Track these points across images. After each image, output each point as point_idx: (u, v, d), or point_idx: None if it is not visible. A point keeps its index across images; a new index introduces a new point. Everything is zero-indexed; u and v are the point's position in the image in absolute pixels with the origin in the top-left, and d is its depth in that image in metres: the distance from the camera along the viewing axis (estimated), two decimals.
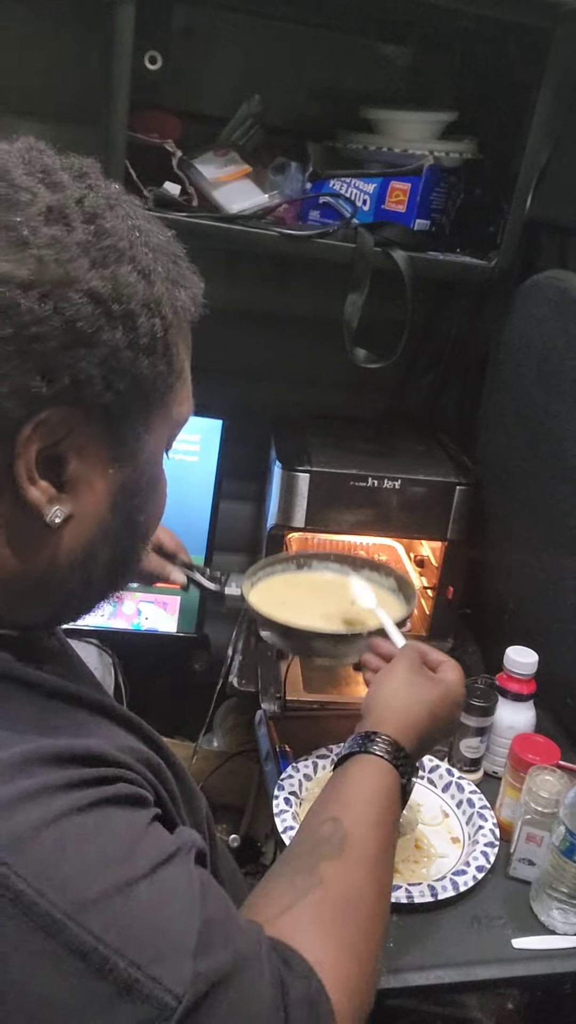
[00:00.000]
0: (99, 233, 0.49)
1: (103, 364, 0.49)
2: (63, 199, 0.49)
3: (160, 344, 0.52)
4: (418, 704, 0.78)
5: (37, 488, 0.50)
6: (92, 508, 0.54)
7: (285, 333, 1.51)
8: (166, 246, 0.55)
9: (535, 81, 1.17)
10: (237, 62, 1.35)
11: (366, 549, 1.53)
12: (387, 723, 0.75)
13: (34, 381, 0.47)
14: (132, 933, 0.46)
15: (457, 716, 0.85)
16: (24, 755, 0.48)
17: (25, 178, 0.48)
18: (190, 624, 1.41)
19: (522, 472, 1.26)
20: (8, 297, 0.45)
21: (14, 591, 0.54)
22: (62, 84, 1.28)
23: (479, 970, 0.83)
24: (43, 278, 0.46)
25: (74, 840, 0.47)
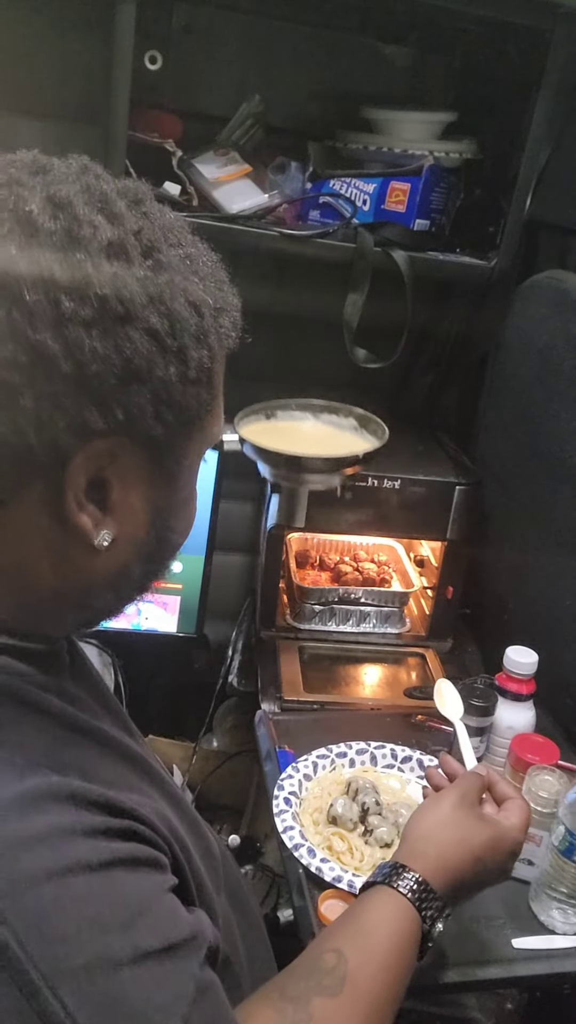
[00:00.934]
0: (156, 268, 0.50)
1: (155, 398, 0.50)
2: (122, 233, 0.49)
3: (205, 374, 0.53)
4: (459, 845, 0.70)
5: (85, 513, 0.51)
6: (131, 530, 0.55)
7: (285, 333, 1.50)
8: (212, 273, 0.55)
9: (535, 81, 1.18)
10: (237, 62, 1.35)
11: (366, 549, 1.53)
12: (420, 859, 0.68)
13: (90, 415, 0.48)
14: (108, 1014, 0.44)
15: (510, 865, 0.74)
16: (38, 789, 0.47)
17: (86, 209, 0.48)
18: (190, 624, 1.41)
19: (522, 472, 1.26)
20: (72, 336, 0.46)
21: (48, 608, 0.55)
22: (63, 84, 1.28)
23: (479, 970, 0.83)
24: (105, 316, 0.47)
25: (74, 899, 0.45)
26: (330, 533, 1.48)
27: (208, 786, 1.52)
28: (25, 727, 0.51)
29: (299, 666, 1.31)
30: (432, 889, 0.66)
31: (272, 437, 1.12)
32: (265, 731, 1.13)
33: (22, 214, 0.46)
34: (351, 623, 1.41)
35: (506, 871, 0.74)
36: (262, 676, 1.28)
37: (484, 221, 1.31)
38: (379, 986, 0.60)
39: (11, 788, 0.47)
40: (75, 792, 0.48)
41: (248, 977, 0.75)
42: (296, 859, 0.90)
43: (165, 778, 0.65)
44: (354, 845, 0.93)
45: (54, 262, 0.46)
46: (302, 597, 1.40)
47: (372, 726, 1.14)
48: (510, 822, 0.74)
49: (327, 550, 1.54)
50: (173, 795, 0.64)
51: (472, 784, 0.77)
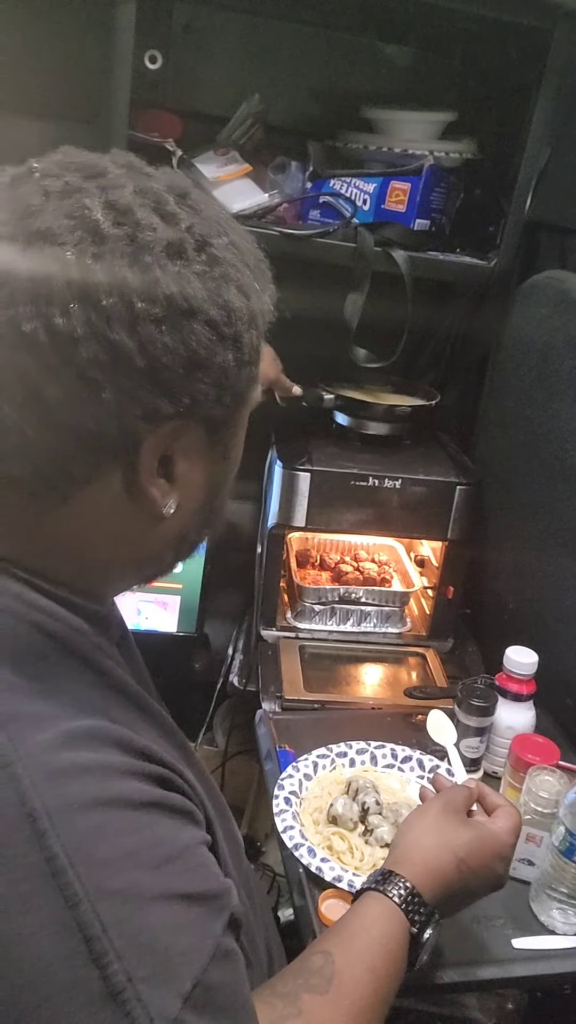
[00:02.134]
0: (211, 262, 0.53)
1: (216, 383, 0.54)
2: (179, 232, 0.52)
3: (256, 353, 0.58)
4: (441, 848, 0.72)
5: (155, 487, 0.56)
6: (190, 500, 0.59)
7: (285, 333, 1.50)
8: (255, 254, 0.59)
9: (535, 81, 1.18)
10: (237, 62, 1.35)
11: (367, 549, 1.53)
12: (407, 865, 0.71)
13: (161, 403, 0.52)
14: (134, 941, 0.46)
15: (499, 869, 0.74)
16: (91, 729, 0.51)
17: (143, 212, 0.51)
18: (190, 624, 1.41)
19: (522, 472, 1.26)
20: (145, 333, 0.50)
21: (113, 570, 0.60)
22: (63, 84, 1.28)
23: (479, 970, 0.83)
24: (172, 313, 0.51)
25: (115, 830, 0.48)
26: (331, 532, 1.48)
27: None
28: (80, 681, 0.55)
29: (299, 665, 1.31)
30: (419, 893, 0.68)
31: None
32: (265, 731, 1.13)
33: (90, 223, 0.49)
34: (351, 623, 1.41)
35: (495, 875, 0.74)
36: (262, 675, 1.28)
37: (484, 221, 1.31)
38: (366, 985, 0.61)
39: (65, 725, 0.50)
40: (121, 739, 0.52)
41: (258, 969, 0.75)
42: (296, 859, 0.90)
43: (196, 758, 0.68)
44: (354, 845, 0.93)
45: (124, 267, 0.49)
46: (302, 597, 1.40)
47: (372, 726, 1.14)
48: (496, 825, 0.75)
49: (327, 549, 1.54)
50: (203, 773, 0.68)
51: (457, 793, 0.79)
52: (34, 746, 0.48)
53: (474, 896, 0.75)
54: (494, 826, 0.75)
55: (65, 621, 0.56)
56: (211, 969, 0.49)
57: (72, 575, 0.57)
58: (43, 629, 0.54)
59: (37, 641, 0.54)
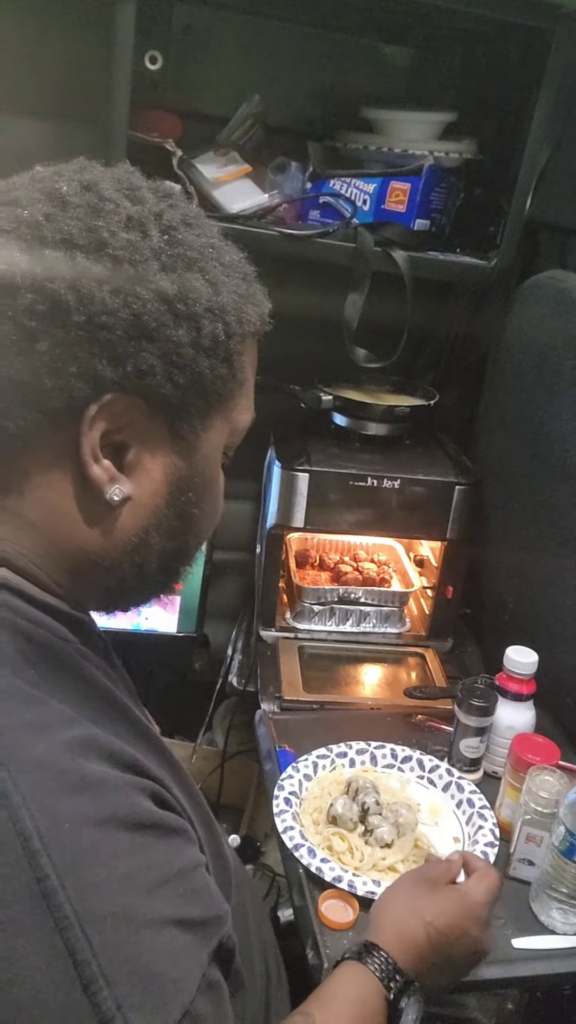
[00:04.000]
0: (172, 243, 0.54)
1: (164, 357, 0.53)
2: (143, 211, 0.54)
3: (222, 348, 0.56)
4: (410, 916, 0.73)
5: (100, 466, 0.54)
6: (149, 495, 0.58)
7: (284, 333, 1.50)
8: (239, 265, 0.59)
9: (535, 82, 1.18)
10: (237, 62, 1.35)
11: (366, 549, 1.53)
12: (380, 934, 0.72)
13: (101, 365, 0.52)
14: (124, 968, 0.45)
15: (472, 931, 0.73)
16: (85, 740, 0.50)
17: (112, 192, 0.54)
18: (190, 624, 1.41)
19: (522, 472, 1.26)
20: (85, 289, 0.51)
21: (78, 567, 0.58)
22: (63, 84, 1.28)
23: (479, 970, 0.83)
24: (117, 275, 0.51)
25: (109, 851, 0.47)
26: (330, 533, 1.48)
27: (208, 786, 1.52)
28: (69, 690, 0.54)
29: (299, 666, 1.31)
30: (394, 962, 0.69)
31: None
32: (265, 731, 1.13)
33: (55, 192, 0.53)
34: (351, 623, 1.41)
35: (470, 938, 0.73)
36: (262, 676, 1.28)
37: (484, 221, 1.31)
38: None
39: (59, 735, 0.49)
40: (114, 751, 0.51)
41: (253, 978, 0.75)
42: (296, 859, 0.90)
43: (183, 771, 0.67)
44: (354, 845, 0.93)
45: (74, 227, 0.51)
46: (302, 597, 1.40)
47: (372, 726, 1.14)
48: (467, 887, 0.76)
49: (327, 550, 1.54)
50: (189, 787, 0.66)
51: (435, 864, 0.80)
52: (27, 760, 0.47)
53: (454, 964, 0.74)
54: (465, 888, 0.76)
55: (51, 629, 0.55)
56: (198, 1000, 0.48)
57: (41, 566, 0.56)
58: (31, 638, 0.53)
59: (26, 650, 0.53)
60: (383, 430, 1.38)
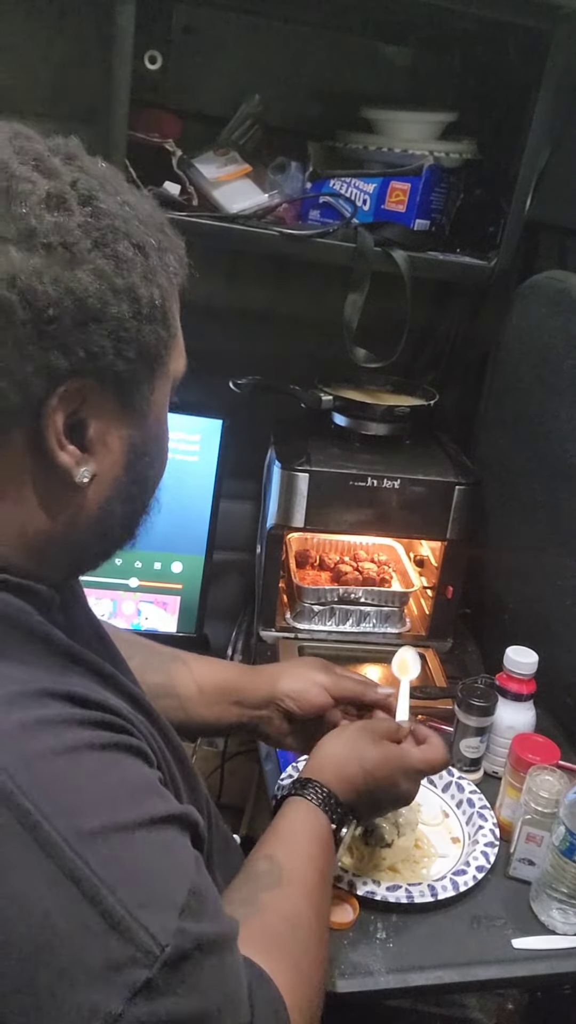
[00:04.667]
0: (96, 214, 0.52)
1: (112, 335, 0.53)
2: (59, 185, 0.51)
3: (159, 311, 0.56)
4: (350, 759, 0.80)
5: (66, 452, 0.54)
6: (109, 468, 0.58)
7: (285, 333, 1.51)
8: (153, 216, 0.58)
9: (535, 82, 1.17)
10: (237, 62, 1.35)
11: (366, 549, 1.53)
12: (320, 772, 0.79)
13: (53, 357, 0.51)
14: (124, 873, 0.47)
15: (402, 785, 0.82)
16: (39, 689, 0.51)
17: (21, 168, 0.51)
18: (190, 624, 1.41)
19: (522, 472, 1.26)
20: (25, 284, 0.49)
21: (40, 549, 0.57)
22: (62, 83, 1.28)
23: (479, 970, 0.83)
24: (53, 263, 0.50)
25: (85, 773, 0.49)
26: (330, 533, 1.48)
27: (208, 786, 1.52)
28: (27, 653, 0.54)
29: None
30: (334, 795, 0.76)
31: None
32: None
33: None
34: (351, 623, 1.41)
35: (399, 790, 0.81)
36: None
37: (484, 221, 1.31)
38: (311, 872, 0.69)
39: (13, 688, 0.50)
40: (74, 693, 0.52)
41: None
42: None
43: (164, 724, 0.68)
44: (354, 845, 0.93)
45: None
46: (302, 597, 1.40)
47: None
48: (409, 748, 0.83)
49: (327, 550, 1.54)
50: (172, 741, 0.69)
51: (380, 721, 0.87)
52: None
53: (380, 806, 0.84)
54: (407, 748, 0.83)
55: (5, 602, 0.55)
56: (196, 877, 0.52)
57: (6, 556, 0.56)
58: None
59: None
60: (383, 430, 1.38)
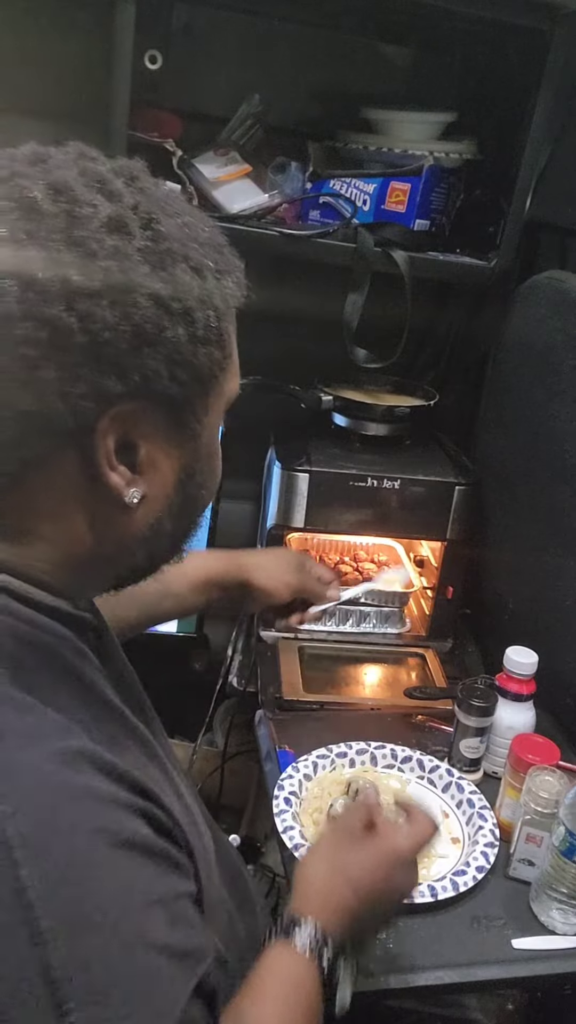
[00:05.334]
0: (156, 237, 0.52)
1: (167, 359, 0.53)
2: (120, 209, 0.51)
3: (214, 333, 0.56)
4: (334, 877, 0.68)
5: (117, 473, 0.54)
6: (160, 488, 0.58)
7: (285, 333, 1.50)
8: (211, 238, 0.57)
9: (535, 82, 1.18)
10: (237, 62, 1.35)
11: (366, 549, 1.53)
12: (309, 904, 0.67)
13: (108, 380, 0.51)
14: (100, 989, 0.44)
15: (398, 881, 0.70)
16: (80, 750, 0.50)
17: (84, 191, 0.51)
18: (190, 624, 1.41)
19: (522, 472, 1.26)
20: (83, 308, 0.49)
21: (86, 568, 0.58)
22: (63, 83, 1.28)
23: (479, 970, 0.83)
24: (111, 287, 0.50)
25: (94, 865, 0.46)
26: (330, 533, 1.48)
27: (208, 787, 1.52)
28: (64, 692, 0.54)
29: (299, 666, 1.31)
30: (322, 933, 0.64)
31: None
32: (265, 731, 1.13)
33: (26, 202, 0.49)
34: (351, 623, 1.41)
35: (397, 889, 0.70)
36: (262, 676, 1.28)
37: (484, 221, 1.31)
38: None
39: (55, 744, 0.49)
40: (107, 763, 0.51)
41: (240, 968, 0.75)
42: (296, 859, 0.90)
43: (169, 769, 0.66)
44: None
45: (60, 242, 0.49)
46: None
47: (372, 726, 1.14)
48: (391, 834, 0.71)
49: (327, 550, 1.54)
50: (177, 788, 0.65)
51: (350, 813, 0.76)
52: (18, 769, 0.47)
53: (383, 914, 0.72)
54: (388, 835, 0.71)
55: (47, 630, 0.55)
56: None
57: (50, 572, 0.56)
58: (27, 640, 0.53)
59: (21, 653, 0.52)
60: (383, 430, 1.38)
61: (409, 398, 1.44)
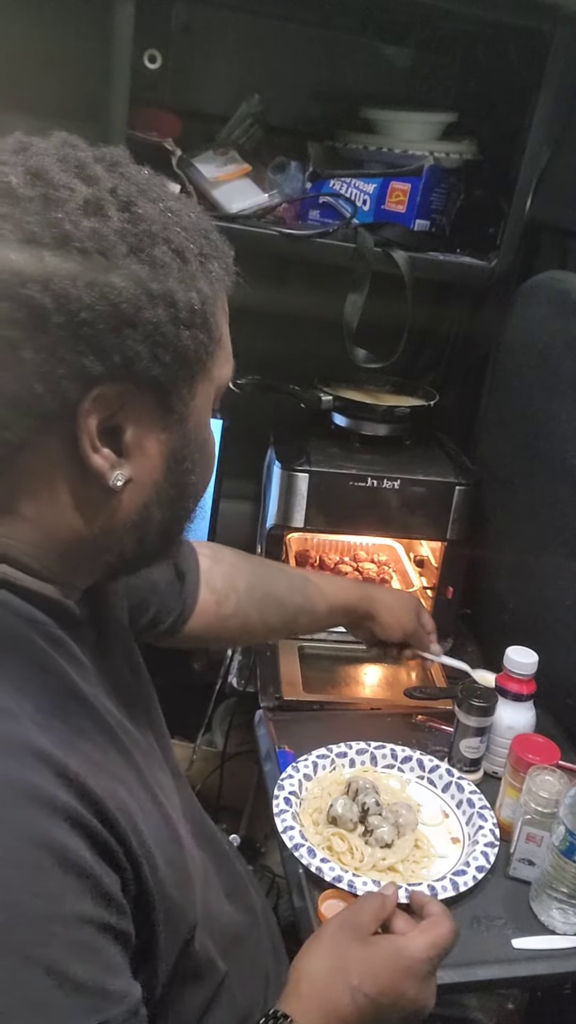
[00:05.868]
0: (134, 220, 0.52)
1: (148, 340, 0.52)
2: (98, 191, 0.51)
3: (199, 316, 0.55)
4: (333, 976, 0.62)
5: (100, 456, 0.54)
6: (147, 473, 0.57)
7: (285, 333, 1.50)
8: (197, 223, 0.57)
9: (535, 83, 1.18)
10: (237, 62, 1.35)
11: (366, 549, 1.53)
12: (302, 1003, 0.60)
13: (87, 361, 0.51)
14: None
15: (410, 992, 0.62)
16: (18, 739, 0.49)
17: (62, 175, 0.51)
18: None
19: (522, 472, 1.26)
20: (59, 288, 0.49)
21: (73, 553, 0.58)
22: (62, 82, 1.28)
23: (479, 970, 0.83)
24: (88, 267, 0.50)
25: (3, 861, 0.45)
26: (330, 533, 1.48)
27: (208, 787, 1.52)
28: (27, 678, 0.53)
29: (298, 666, 1.31)
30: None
31: None
32: (265, 731, 1.13)
33: (3, 187, 0.50)
34: None
35: (406, 999, 0.63)
36: (262, 676, 1.28)
37: (484, 222, 1.31)
38: None
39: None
40: (63, 769, 0.50)
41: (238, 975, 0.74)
42: (296, 859, 0.90)
43: (148, 777, 0.62)
44: (354, 845, 0.93)
45: (35, 224, 0.49)
46: None
47: (372, 726, 1.14)
48: (407, 940, 0.65)
49: (327, 550, 1.54)
50: (155, 797, 0.62)
51: (361, 906, 0.68)
52: None
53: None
54: (404, 940, 0.65)
55: (19, 612, 0.54)
56: None
57: (36, 558, 0.56)
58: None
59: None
60: (383, 430, 1.38)
61: (409, 398, 1.44)
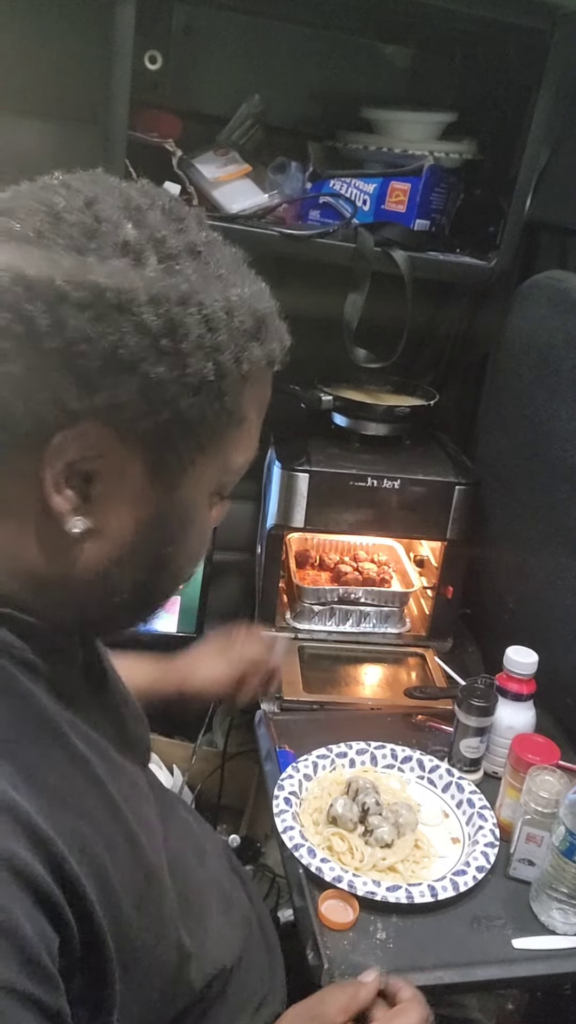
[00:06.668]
0: (168, 272, 0.50)
1: (143, 392, 0.50)
2: (142, 236, 0.50)
3: (211, 388, 0.52)
4: None
5: (62, 496, 0.51)
6: (116, 529, 0.54)
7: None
8: (252, 300, 0.55)
9: (534, 82, 1.18)
10: (237, 62, 1.35)
11: (366, 549, 1.53)
12: None
13: (70, 393, 0.49)
14: None
15: None
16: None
17: (112, 212, 0.50)
18: (190, 624, 1.41)
19: (522, 472, 1.26)
20: (63, 313, 0.48)
21: (37, 586, 0.54)
22: (63, 84, 1.28)
23: (479, 970, 0.83)
24: (98, 303, 0.48)
25: None
26: (330, 533, 1.48)
27: (208, 786, 1.52)
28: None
29: (299, 666, 1.31)
30: None
31: None
32: (265, 731, 1.13)
33: (51, 205, 0.50)
34: (351, 623, 1.41)
35: None
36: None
37: (484, 221, 1.31)
38: None
39: None
40: (6, 804, 0.47)
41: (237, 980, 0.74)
42: (296, 859, 0.90)
43: (122, 805, 0.58)
44: (354, 845, 0.93)
45: (63, 247, 0.48)
46: (302, 597, 1.40)
47: (372, 726, 1.14)
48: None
49: (327, 550, 1.54)
50: (129, 830, 0.59)
51: (335, 995, 0.66)
52: None
53: None
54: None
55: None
56: None
57: (9, 585, 0.54)
58: None
59: None
60: (383, 430, 1.38)
61: (409, 398, 1.44)
